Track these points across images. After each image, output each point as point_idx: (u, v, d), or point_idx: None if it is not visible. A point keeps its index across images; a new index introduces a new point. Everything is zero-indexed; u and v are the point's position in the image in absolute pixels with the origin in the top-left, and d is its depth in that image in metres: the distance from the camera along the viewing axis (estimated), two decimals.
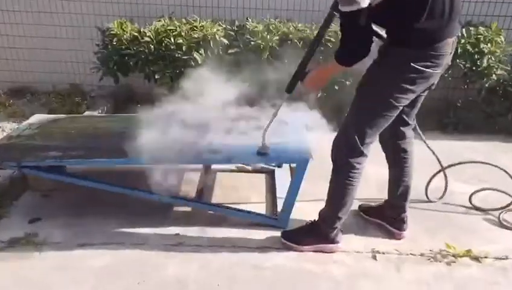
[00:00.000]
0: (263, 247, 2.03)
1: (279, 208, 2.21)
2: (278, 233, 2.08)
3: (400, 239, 2.09)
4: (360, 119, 1.76)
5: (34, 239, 2.07)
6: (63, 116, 2.85)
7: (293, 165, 2.27)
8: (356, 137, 1.74)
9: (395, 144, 1.97)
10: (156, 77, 3.23)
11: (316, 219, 2.01)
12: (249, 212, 2.17)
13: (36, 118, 2.69)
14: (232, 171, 2.65)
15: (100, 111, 3.61)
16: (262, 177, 2.62)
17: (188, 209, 2.30)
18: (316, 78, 1.81)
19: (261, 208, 2.30)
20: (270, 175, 2.60)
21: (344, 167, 1.81)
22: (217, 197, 2.40)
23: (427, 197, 2.43)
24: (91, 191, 2.23)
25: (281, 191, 2.34)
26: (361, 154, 1.78)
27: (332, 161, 1.86)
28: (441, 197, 2.44)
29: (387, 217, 2.12)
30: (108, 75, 3.41)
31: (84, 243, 2.05)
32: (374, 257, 1.99)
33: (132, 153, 1.99)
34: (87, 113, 3.48)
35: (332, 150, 1.85)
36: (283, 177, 2.49)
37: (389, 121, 1.76)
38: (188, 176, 2.55)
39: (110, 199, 2.25)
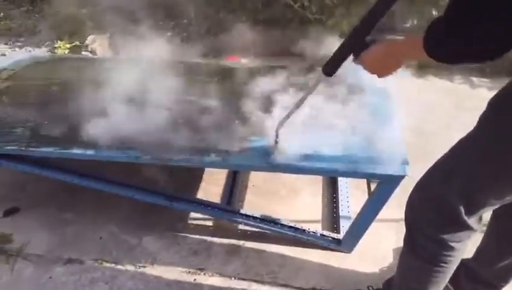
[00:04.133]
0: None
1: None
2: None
3: None
4: (476, 175, 0.92)
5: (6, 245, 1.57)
6: (46, 57, 2.10)
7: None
8: (461, 201, 0.94)
9: None
10: None
11: None
12: (303, 230, 1.52)
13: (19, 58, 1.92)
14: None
15: (109, 35, 2.73)
16: (315, 181, 1.83)
17: (209, 220, 1.68)
18: (382, 57, 0.93)
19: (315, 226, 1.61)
20: (329, 180, 1.83)
21: (430, 246, 1.02)
22: (251, 206, 1.70)
23: None
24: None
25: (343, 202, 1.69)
26: (466, 227, 0.98)
27: (406, 228, 1.09)
28: None
29: None
30: None
31: (70, 259, 1.54)
32: None
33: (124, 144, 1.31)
34: (90, 39, 2.72)
35: (407, 212, 1.07)
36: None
37: None
38: (210, 174, 1.85)
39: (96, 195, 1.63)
